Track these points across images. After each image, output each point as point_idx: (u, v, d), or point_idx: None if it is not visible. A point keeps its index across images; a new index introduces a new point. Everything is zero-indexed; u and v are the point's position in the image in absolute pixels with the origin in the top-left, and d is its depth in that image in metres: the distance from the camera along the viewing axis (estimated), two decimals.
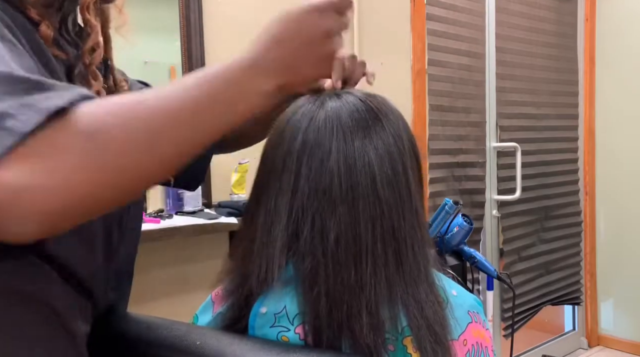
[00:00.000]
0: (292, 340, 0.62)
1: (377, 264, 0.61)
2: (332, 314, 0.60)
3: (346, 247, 0.61)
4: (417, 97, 2.33)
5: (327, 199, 0.62)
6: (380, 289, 0.61)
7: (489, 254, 2.76)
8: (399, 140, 0.66)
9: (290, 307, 0.62)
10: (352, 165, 0.63)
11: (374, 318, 0.59)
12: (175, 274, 1.60)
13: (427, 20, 2.37)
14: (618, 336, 3.19)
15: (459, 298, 0.67)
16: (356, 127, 0.64)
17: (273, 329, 0.62)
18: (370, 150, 0.64)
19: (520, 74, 2.84)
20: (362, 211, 0.62)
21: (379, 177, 0.63)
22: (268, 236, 0.63)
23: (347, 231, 0.61)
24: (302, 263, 0.61)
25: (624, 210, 3.11)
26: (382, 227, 0.62)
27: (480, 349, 0.66)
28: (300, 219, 0.62)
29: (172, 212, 1.56)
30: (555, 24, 3.02)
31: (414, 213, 0.65)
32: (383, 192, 0.63)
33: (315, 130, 0.64)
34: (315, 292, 0.60)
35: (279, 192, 0.64)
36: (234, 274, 0.67)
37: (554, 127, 3.02)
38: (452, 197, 2.38)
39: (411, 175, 0.66)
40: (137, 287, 1.53)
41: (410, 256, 0.63)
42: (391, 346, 0.61)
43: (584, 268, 3.23)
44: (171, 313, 0.89)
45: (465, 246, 1.70)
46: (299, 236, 0.62)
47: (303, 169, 0.63)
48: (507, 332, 2.75)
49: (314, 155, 0.63)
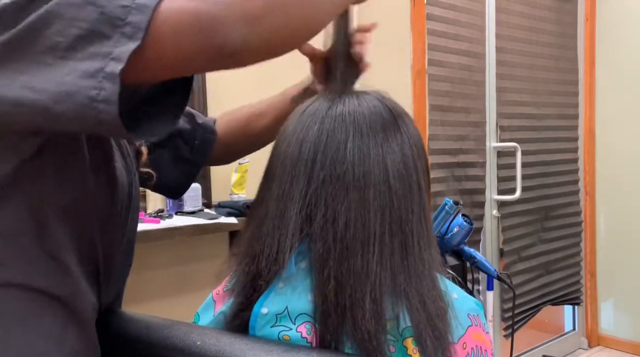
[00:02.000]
0: (293, 339, 0.62)
1: (383, 252, 0.63)
2: (338, 298, 0.61)
3: (355, 233, 0.63)
4: (417, 97, 2.33)
5: (340, 184, 0.64)
6: (385, 278, 0.62)
7: (489, 254, 2.76)
8: (412, 142, 0.68)
9: (292, 306, 0.62)
10: (366, 154, 0.65)
11: (377, 305, 0.60)
12: (175, 274, 1.60)
13: (427, 20, 2.37)
14: (618, 336, 3.19)
15: (459, 301, 0.67)
16: (374, 124, 0.67)
17: (274, 328, 0.62)
18: (385, 145, 0.66)
19: (520, 74, 2.84)
20: (373, 199, 0.64)
21: (391, 169, 0.65)
22: (281, 219, 0.65)
23: (356, 217, 0.63)
24: (315, 246, 0.63)
25: (624, 210, 3.11)
26: (391, 217, 0.64)
27: (479, 353, 0.66)
28: (314, 204, 0.64)
29: (172, 212, 1.56)
30: (555, 24, 3.02)
31: (421, 209, 0.67)
32: (394, 183, 0.65)
33: (332, 120, 0.67)
34: (325, 275, 0.62)
35: (293, 178, 0.66)
36: (242, 256, 0.68)
37: (554, 127, 3.02)
38: (452, 197, 2.38)
39: (421, 175, 0.68)
40: (137, 287, 1.53)
41: (416, 250, 0.65)
42: (392, 347, 0.61)
43: (584, 268, 3.23)
44: (171, 313, 0.89)
45: (465, 246, 1.70)
46: (312, 221, 0.64)
47: (319, 156, 0.65)
48: (507, 332, 2.75)
49: (330, 144, 0.65)
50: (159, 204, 1.58)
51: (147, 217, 1.45)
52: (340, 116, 0.67)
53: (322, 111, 0.68)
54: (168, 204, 1.58)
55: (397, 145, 0.67)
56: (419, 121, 2.33)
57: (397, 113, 0.69)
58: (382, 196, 0.64)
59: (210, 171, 1.70)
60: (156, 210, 1.56)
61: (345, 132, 0.66)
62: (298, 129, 0.68)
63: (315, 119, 0.68)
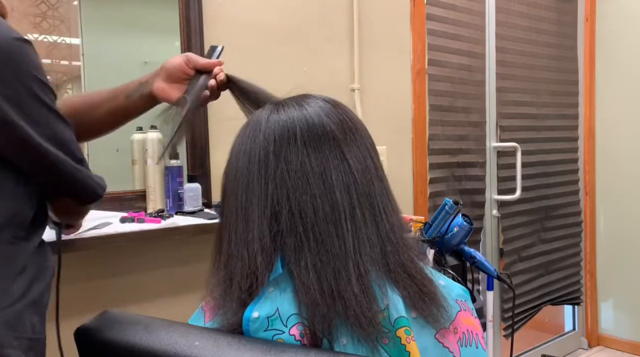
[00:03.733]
0: (287, 342, 0.62)
1: (357, 225, 0.65)
2: (323, 285, 0.61)
3: (324, 217, 0.64)
4: (417, 97, 2.33)
5: (299, 176, 0.65)
6: (364, 249, 0.64)
7: (489, 254, 2.76)
8: (358, 125, 0.72)
9: (283, 308, 0.62)
10: (317, 142, 0.67)
11: (364, 279, 0.62)
12: (175, 274, 1.60)
13: (427, 20, 2.37)
14: (618, 336, 3.19)
15: (446, 288, 0.69)
16: (319, 117, 0.69)
17: (267, 332, 0.62)
18: (337, 131, 0.69)
19: (521, 74, 2.85)
20: (336, 180, 0.66)
21: (345, 147, 0.68)
22: (247, 232, 0.66)
23: (323, 202, 0.65)
24: (287, 243, 0.64)
25: (624, 210, 3.11)
26: (357, 192, 0.66)
27: (471, 336, 0.67)
28: (277, 203, 0.65)
29: (172, 212, 1.56)
30: (555, 24, 3.02)
31: (381, 181, 0.70)
32: (352, 162, 0.67)
33: (275, 123, 0.69)
34: (303, 266, 0.62)
35: (249, 186, 0.67)
36: (221, 280, 0.68)
37: (554, 127, 3.03)
38: (452, 197, 2.38)
39: (372, 152, 0.71)
40: (137, 287, 1.53)
41: (384, 218, 0.67)
42: (385, 339, 0.61)
43: (584, 268, 3.24)
44: (171, 313, 0.89)
45: (465, 246, 1.70)
46: (278, 220, 0.65)
47: (270, 156, 0.67)
48: (507, 332, 2.75)
49: (280, 142, 0.67)
50: (159, 204, 1.58)
51: (147, 217, 1.45)
52: (285, 116, 0.69)
53: (264, 118, 0.70)
54: (168, 204, 1.58)
55: (346, 132, 0.69)
56: (419, 121, 2.34)
57: (335, 103, 0.72)
58: (344, 175, 0.66)
59: (210, 171, 1.71)
60: (156, 210, 1.56)
61: (293, 129, 0.68)
62: (244, 142, 0.70)
63: (258, 127, 0.69)
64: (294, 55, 1.94)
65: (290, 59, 1.94)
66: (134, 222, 1.40)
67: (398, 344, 0.61)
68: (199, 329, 0.67)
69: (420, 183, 2.35)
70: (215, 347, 0.61)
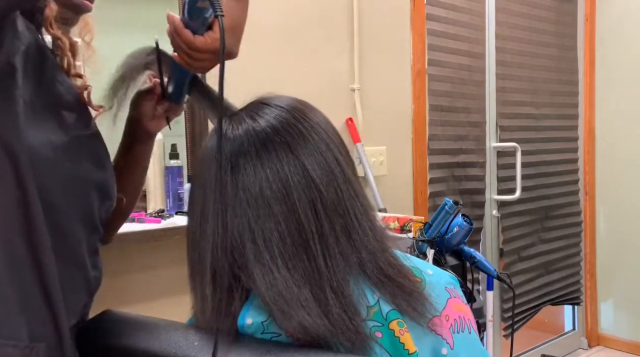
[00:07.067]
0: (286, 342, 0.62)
1: (327, 243, 0.62)
2: (305, 310, 0.60)
3: (292, 242, 0.62)
4: (417, 97, 2.33)
5: (260, 204, 0.62)
6: (339, 265, 0.62)
7: (489, 254, 2.76)
8: (321, 126, 0.68)
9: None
10: (275, 162, 0.64)
11: (342, 298, 0.61)
12: (176, 274, 1.60)
13: (427, 20, 2.37)
14: (618, 336, 3.19)
15: (434, 276, 0.69)
16: (272, 130, 0.65)
17: (264, 335, 0.62)
18: (292, 144, 0.65)
19: (520, 74, 2.84)
20: (299, 200, 0.62)
21: (301, 149, 0.64)
22: (204, 270, 0.66)
23: (288, 226, 0.62)
24: (254, 276, 0.62)
25: (624, 210, 3.11)
26: (324, 206, 0.63)
27: (463, 322, 0.67)
28: (239, 234, 0.63)
29: (172, 212, 1.56)
30: (555, 24, 3.02)
31: (347, 183, 0.66)
32: (314, 174, 0.64)
33: (230, 146, 0.65)
34: (277, 295, 0.61)
35: (204, 218, 0.66)
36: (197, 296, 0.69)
37: (554, 127, 3.02)
38: (452, 197, 2.37)
39: (336, 150, 0.67)
40: (137, 287, 1.53)
41: (356, 224, 0.65)
42: (379, 332, 0.61)
43: (584, 268, 3.23)
44: (171, 313, 0.89)
45: (465, 246, 1.70)
46: (243, 253, 0.62)
47: (228, 186, 0.64)
48: (507, 332, 2.75)
49: (236, 170, 0.64)
50: (159, 204, 1.58)
51: (147, 217, 1.45)
52: (238, 139, 0.65)
53: (214, 149, 0.66)
54: (168, 204, 1.58)
55: (304, 138, 0.65)
56: (419, 121, 2.33)
57: (292, 108, 0.68)
58: (307, 192, 0.63)
59: None
60: (157, 210, 1.56)
61: (246, 153, 0.64)
62: (200, 172, 0.69)
63: (211, 154, 0.66)
64: (294, 55, 1.94)
65: (290, 59, 1.93)
66: (134, 222, 1.41)
67: (392, 336, 0.61)
68: (199, 329, 0.67)
69: (420, 183, 2.35)
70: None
